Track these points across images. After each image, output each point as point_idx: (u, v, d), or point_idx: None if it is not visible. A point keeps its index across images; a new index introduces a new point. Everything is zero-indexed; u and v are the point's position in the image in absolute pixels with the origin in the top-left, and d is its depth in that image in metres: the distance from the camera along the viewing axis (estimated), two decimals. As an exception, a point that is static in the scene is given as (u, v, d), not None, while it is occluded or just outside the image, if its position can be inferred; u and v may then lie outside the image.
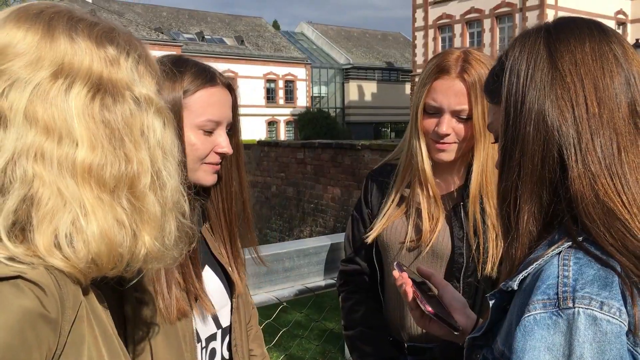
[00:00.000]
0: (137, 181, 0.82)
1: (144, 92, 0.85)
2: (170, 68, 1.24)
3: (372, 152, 15.57)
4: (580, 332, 0.76)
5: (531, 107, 0.89)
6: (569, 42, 0.90)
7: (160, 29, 43.67)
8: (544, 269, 0.83)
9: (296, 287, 2.04)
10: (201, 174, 1.30)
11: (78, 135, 0.77)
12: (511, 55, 0.94)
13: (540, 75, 0.89)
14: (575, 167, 0.85)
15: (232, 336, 1.42)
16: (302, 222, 18.56)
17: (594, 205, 0.83)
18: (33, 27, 0.79)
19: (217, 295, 1.38)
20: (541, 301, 0.79)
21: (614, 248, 0.81)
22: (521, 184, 0.90)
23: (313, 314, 3.40)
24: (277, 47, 51.25)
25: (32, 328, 0.69)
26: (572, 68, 0.88)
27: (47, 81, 0.77)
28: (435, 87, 1.61)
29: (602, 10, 32.11)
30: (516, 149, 0.90)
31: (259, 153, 19.97)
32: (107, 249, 0.78)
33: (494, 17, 31.70)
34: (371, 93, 53.49)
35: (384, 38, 61.77)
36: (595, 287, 0.78)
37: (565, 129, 0.87)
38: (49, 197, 0.74)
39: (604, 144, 0.86)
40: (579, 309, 0.76)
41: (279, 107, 50.15)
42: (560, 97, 0.88)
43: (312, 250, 2.10)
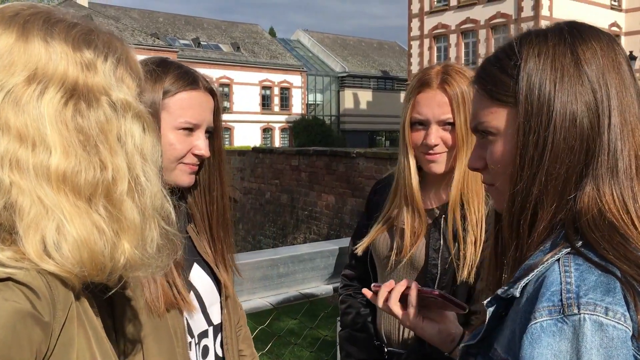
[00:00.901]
0: (114, 188, 0.80)
1: (121, 97, 0.83)
2: (153, 69, 1.27)
3: (366, 160, 15.59)
4: (587, 338, 0.75)
5: (562, 114, 0.86)
6: (595, 52, 0.89)
7: (157, 35, 43.67)
8: (546, 275, 0.82)
9: (290, 293, 2.04)
10: (177, 173, 1.32)
11: (51, 141, 0.75)
12: (529, 56, 0.90)
13: (570, 81, 0.87)
14: (594, 179, 0.86)
15: (223, 334, 1.43)
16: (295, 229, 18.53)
17: (599, 218, 0.84)
18: (7, 31, 0.77)
19: (207, 292, 1.40)
20: (547, 308, 0.79)
21: (613, 257, 0.80)
22: (546, 194, 0.88)
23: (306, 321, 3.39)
24: (273, 54, 51.36)
25: (24, 327, 0.69)
26: (600, 78, 0.87)
27: (19, 87, 0.75)
28: (419, 101, 1.68)
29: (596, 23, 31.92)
30: (544, 156, 0.87)
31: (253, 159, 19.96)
32: (89, 256, 0.76)
33: (489, 27, 31.91)
34: (366, 101, 53.62)
35: (380, 47, 62.02)
36: (599, 293, 0.77)
37: (594, 141, 0.86)
38: (30, 205, 0.73)
39: (626, 159, 0.86)
40: (584, 315, 0.76)
41: (274, 114, 50.20)
42: (589, 108, 0.86)
43: (307, 257, 2.10)
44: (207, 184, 1.43)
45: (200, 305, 1.39)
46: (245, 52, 49.48)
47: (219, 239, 1.45)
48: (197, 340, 1.37)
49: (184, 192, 1.41)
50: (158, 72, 1.28)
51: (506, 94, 0.93)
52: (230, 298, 1.49)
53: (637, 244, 0.82)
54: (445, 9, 34.16)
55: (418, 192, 1.72)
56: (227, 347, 1.43)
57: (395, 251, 1.74)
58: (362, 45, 60.25)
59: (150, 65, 1.29)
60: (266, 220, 19.96)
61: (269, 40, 54.14)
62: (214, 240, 1.45)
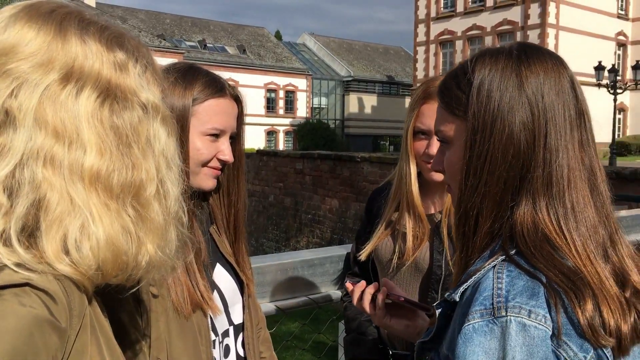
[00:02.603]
0: (143, 189, 0.81)
1: (151, 99, 0.84)
2: (182, 75, 1.32)
3: (371, 164, 15.60)
4: (512, 337, 0.85)
5: (501, 130, 0.94)
6: (538, 73, 0.96)
7: (163, 36, 43.83)
8: (481, 281, 0.91)
9: (299, 298, 2.04)
10: (202, 177, 1.36)
11: (87, 140, 0.76)
12: (480, 72, 0.98)
13: (511, 101, 0.95)
14: (530, 193, 0.94)
15: (245, 334, 1.46)
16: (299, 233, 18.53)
17: (533, 229, 0.92)
18: (45, 27, 0.77)
19: (229, 292, 1.43)
20: (479, 311, 0.88)
21: (542, 265, 0.90)
22: (485, 204, 0.97)
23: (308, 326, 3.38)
24: (279, 57, 51.47)
25: (41, 334, 0.68)
26: (539, 99, 0.95)
27: (57, 84, 0.75)
28: (423, 112, 1.73)
29: (602, 31, 32.38)
30: (484, 168, 0.96)
31: (257, 162, 19.99)
32: (113, 256, 0.77)
33: (495, 34, 31.92)
34: (371, 106, 53.68)
35: (386, 52, 62.10)
36: (524, 297, 0.87)
37: (529, 157, 0.94)
38: (57, 201, 0.73)
39: (558, 176, 0.93)
40: (510, 317, 0.86)
41: (278, 117, 50.29)
42: (527, 127, 0.94)
43: (317, 262, 2.09)
44: (226, 187, 1.47)
45: (222, 305, 1.41)
46: (251, 54, 49.61)
47: (239, 241, 1.49)
48: (220, 338, 1.40)
49: (205, 194, 1.44)
50: (188, 79, 1.33)
51: (458, 107, 1.01)
52: (252, 298, 1.52)
53: (565, 253, 0.91)
54: (451, 15, 34.20)
55: (418, 198, 1.77)
56: (248, 347, 1.46)
57: (398, 255, 1.78)
58: (368, 50, 60.34)
59: (179, 71, 1.33)
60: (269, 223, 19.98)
61: (275, 43, 54.27)
62: (236, 241, 1.48)
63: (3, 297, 0.67)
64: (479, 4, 32.90)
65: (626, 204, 7.46)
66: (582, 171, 0.95)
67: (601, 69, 24.66)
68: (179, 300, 1.25)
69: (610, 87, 24.62)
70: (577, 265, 0.90)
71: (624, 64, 33.94)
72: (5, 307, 0.67)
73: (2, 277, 0.69)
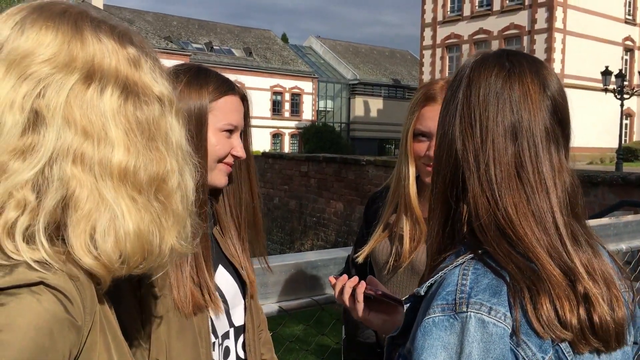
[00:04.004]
0: (167, 181, 0.83)
1: (165, 92, 0.86)
2: (195, 75, 1.37)
3: (376, 167, 15.60)
4: (470, 333, 0.86)
5: (445, 133, 1.01)
6: (479, 78, 1.00)
7: (170, 38, 44.00)
8: (446, 277, 0.93)
9: (303, 300, 2.04)
10: (217, 173, 1.39)
11: (114, 137, 0.78)
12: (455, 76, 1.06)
13: (456, 105, 1.01)
14: (472, 190, 0.97)
15: (246, 336, 1.47)
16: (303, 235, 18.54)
17: (489, 225, 0.95)
18: (62, 28, 0.79)
19: (230, 294, 1.44)
20: (440, 305, 0.89)
21: (504, 262, 0.91)
22: (434, 201, 1.03)
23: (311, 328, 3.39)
24: (285, 60, 51.56)
25: (60, 331, 0.70)
26: (480, 103, 0.98)
27: (81, 83, 0.77)
28: (424, 114, 1.73)
29: (609, 36, 32.30)
30: (435, 172, 1.04)
31: (263, 164, 20.02)
32: (140, 248, 0.79)
33: (502, 38, 31.89)
34: (377, 109, 53.67)
35: (392, 55, 62.11)
36: (487, 294, 0.88)
37: (466, 157, 0.98)
38: (86, 198, 0.75)
39: (492, 180, 0.96)
40: (470, 313, 0.87)
41: (284, 119, 50.35)
42: (465, 128, 0.99)
43: (320, 263, 2.10)
44: (235, 185, 1.49)
45: (223, 307, 1.41)
46: (257, 57, 49.71)
47: (244, 241, 1.50)
48: (220, 340, 1.40)
49: (214, 193, 1.45)
50: (202, 78, 1.37)
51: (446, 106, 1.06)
52: (254, 300, 1.52)
53: (521, 248, 0.92)
54: (458, 19, 34.19)
55: (416, 200, 1.77)
56: (249, 349, 1.46)
57: (394, 257, 1.77)
58: (374, 53, 60.37)
59: (190, 72, 1.37)
60: (274, 226, 19.99)
61: (281, 46, 54.37)
62: (242, 242, 1.49)
63: (20, 295, 0.69)
64: (486, 8, 32.87)
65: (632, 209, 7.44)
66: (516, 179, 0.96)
67: (608, 74, 24.60)
68: (181, 299, 1.26)
69: (617, 93, 24.54)
70: (532, 259, 0.91)
71: (631, 69, 33.83)
72: (24, 305, 0.68)
73: (17, 276, 0.70)
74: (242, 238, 1.50)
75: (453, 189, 0.99)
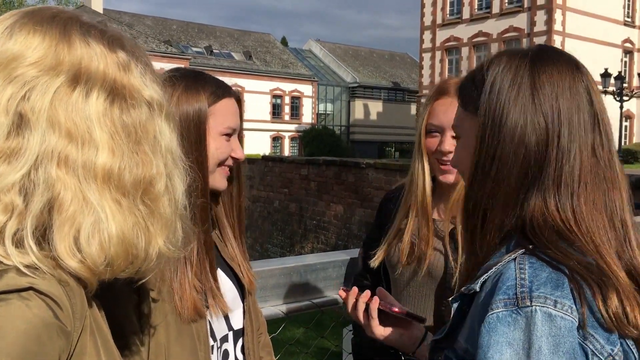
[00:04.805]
0: (153, 185, 0.83)
1: (155, 97, 0.86)
2: (193, 80, 1.36)
3: (376, 170, 15.59)
4: (538, 327, 0.84)
5: (512, 129, 0.95)
6: (552, 75, 0.96)
7: (170, 42, 44.03)
8: (503, 272, 0.91)
9: (303, 303, 2.04)
10: (217, 176, 1.38)
11: (99, 139, 0.78)
12: (494, 70, 0.99)
13: (523, 100, 0.95)
14: (539, 191, 0.94)
15: (245, 339, 1.46)
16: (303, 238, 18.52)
17: (544, 225, 0.93)
18: (50, 32, 0.79)
19: (230, 297, 1.43)
20: (502, 300, 0.87)
21: (561, 257, 0.89)
22: (494, 200, 0.97)
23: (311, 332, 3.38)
24: (285, 63, 51.60)
25: (49, 337, 0.69)
26: (552, 101, 0.95)
27: (66, 86, 0.77)
28: (436, 108, 1.71)
29: (609, 39, 32.31)
30: (493, 165, 0.96)
31: (263, 168, 20.01)
32: (124, 251, 0.79)
33: (501, 41, 31.91)
34: (377, 112, 53.68)
35: (391, 58, 62.16)
36: (549, 287, 0.86)
37: (540, 157, 0.94)
38: (70, 200, 0.75)
39: (569, 176, 0.94)
40: (535, 307, 0.84)
41: (284, 122, 50.35)
42: (538, 127, 0.94)
43: (320, 266, 2.10)
44: (231, 189, 1.48)
45: None
46: (257, 60, 49.75)
47: (241, 241, 1.50)
48: (219, 344, 1.40)
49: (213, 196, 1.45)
50: (199, 83, 1.36)
51: (470, 102, 1.03)
52: (253, 304, 1.52)
53: (578, 247, 0.91)
54: (457, 21, 34.22)
55: (429, 197, 1.73)
56: (248, 352, 1.46)
57: (408, 261, 1.73)
58: (374, 56, 60.41)
59: (187, 77, 1.37)
60: (274, 229, 19.98)
61: (281, 49, 54.41)
62: (240, 244, 1.50)
63: (9, 300, 0.68)
64: (485, 11, 32.91)
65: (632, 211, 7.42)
66: (594, 174, 0.95)
67: (607, 76, 24.61)
68: (182, 305, 1.26)
69: (617, 95, 24.56)
70: (592, 256, 0.89)
71: (631, 71, 33.85)
72: (13, 311, 0.68)
73: (7, 282, 0.70)
74: (240, 240, 1.50)
75: (519, 189, 0.95)
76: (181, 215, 0.90)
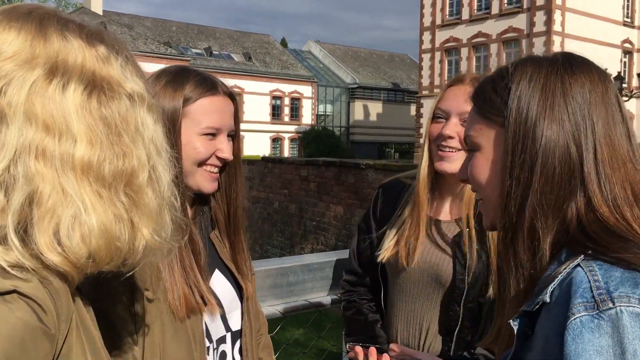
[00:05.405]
0: (135, 176, 0.82)
1: (136, 89, 0.85)
2: (173, 77, 1.32)
3: (376, 171, 15.59)
4: (628, 329, 0.77)
5: (552, 141, 0.91)
6: (584, 85, 0.93)
7: (169, 43, 44.06)
8: (573, 276, 0.84)
9: (300, 302, 2.04)
10: (199, 178, 1.34)
11: (77, 131, 0.77)
12: (521, 79, 0.95)
13: (558, 111, 0.92)
14: (584, 198, 0.91)
15: (242, 340, 1.44)
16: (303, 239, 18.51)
17: (599, 228, 0.89)
18: (25, 27, 0.79)
19: (227, 298, 1.42)
20: (582, 304, 0.80)
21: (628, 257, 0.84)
22: (539, 214, 0.92)
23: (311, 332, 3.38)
24: (284, 64, 51.62)
25: (32, 340, 0.69)
26: (585, 111, 0.92)
27: (43, 79, 0.77)
28: (447, 94, 1.67)
29: (608, 39, 32.31)
30: (533, 178, 0.92)
31: (262, 169, 20.01)
32: (106, 244, 0.78)
33: (500, 42, 31.91)
34: (376, 113, 53.70)
35: (391, 59, 62.18)
36: (628, 286, 0.80)
37: (581, 167, 0.91)
38: (49, 193, 0.74)
39: (611, 181, 0.91)
40: (620, 308, 0.78)
41: (284, 124, 50.36)
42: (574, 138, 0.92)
43: (317, 266, 2.09)
44: (227, 188, 1.45)
45: (219, 310, 1.39)
46: (257, 62, 49.76)
47: (240, 241, 1.48)
48: (215, 345, 1.38)
49: (206, 199, 1.44)
50: (178, 80, 1.32)
51: (492, 112, 0.98)
52: (252, 305, 1.50)
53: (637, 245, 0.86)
54: (457, 22, 34.23)
55: (424, 186, 1.68)
56: (246, 354, 1.44)
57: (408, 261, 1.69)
58: (373, 57, 60.44)
59: (170, 74, 1.33)
60: (274, 230, 19.97)
61: (281, 50, 54.43)
62: (240, 245, 1.47)
63: None
64: (485, 12, 32.91)
65: None
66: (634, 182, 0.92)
67: (607, 76, 24.60)
68: (175, 303, 1.25)
69: (616, 95, 24.55)
70: None
71: (630, 71, 33.85)
72: None
73: None
74: (240, 241, 1.48)
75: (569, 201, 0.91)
76: (170, 205, 0.89)
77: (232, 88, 1.44)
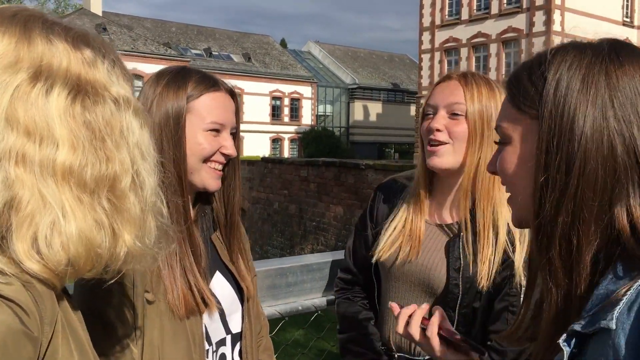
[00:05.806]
0: (118, 181, 0.81)
1: (122, 93, 0.84)
2: (174, 76, 1.33)
3: (375, 171, 15.59)
4: None
5: (592, 140, 0.80)
6: (633, 75, 0.82)
7: (169, 44, 44.06)
8: None
9: (298, 303, 2.03)
10: (205, 175, 1.35)
11: (59, 136, 0.76)
12: (559, 67, 0.85)
13: (602, 105, 0.81)
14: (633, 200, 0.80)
15: (242, 343, 1.44)
16: (303, 240, 18.51)
17: None
18: (9, 30, 0.78)
19: (228, 300, 1.41)
20: None
21: None
22: (581, 222, 0.81)
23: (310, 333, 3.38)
24: (284, 65, 51.61)
25: (14, 342, 0.68)
26: (635, 105, 0.81)
27: (26, 83, 0.76)
28: (434, 90, 1.68)
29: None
30: (570, 181, 0.81)
31: (262, 169, 20.00)
32: (86, 250, 0.77)
33: (500, 42, 31.92)
34: (376, 113, 53.70)
35: (391, 59, 62.19)
36: None
37: (630, 166, 0.80)
38: (28, 199, 0.73)
39: None
40: None
41: (283, 124, 50.36)
42: (623, 134, 0.80)
43: (316, 266, 2.09)
44: (228, 186, 1.45)
45: (219, 314, 1.39)
46: (256, 62, 49.76)
47: (240, 241, 1.47)
48: (214, 347, 1.38)
49: (208, 200, 1.43)
50: (179, 79, 1.33)
51: (525, 102, 0.88)
52: (253, 307, 1.49)
53: None
54: (456, 22, 34.23)
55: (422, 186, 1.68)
56: (246, 357, 1.43)
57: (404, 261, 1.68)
58: (373, 58, 60.44)
59: (171, 74, 1.34)
60: (274, 231, 19.97)
61: (280, 51, 54.42)
62: (241, 246, 1.47)
63: None
64: (484, 12, 32.91)
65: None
66: None
67: (606, 76, 24.60)
68: (175, 302, 1.24)
69: (616, 95, 24.55)
70: None
71: (630, 71, 33.87)
72: None
73: None
74: (239, 241, 1.47)
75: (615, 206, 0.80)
76: (155, 211, 0.88)
77: (232, 88, 1.44)
